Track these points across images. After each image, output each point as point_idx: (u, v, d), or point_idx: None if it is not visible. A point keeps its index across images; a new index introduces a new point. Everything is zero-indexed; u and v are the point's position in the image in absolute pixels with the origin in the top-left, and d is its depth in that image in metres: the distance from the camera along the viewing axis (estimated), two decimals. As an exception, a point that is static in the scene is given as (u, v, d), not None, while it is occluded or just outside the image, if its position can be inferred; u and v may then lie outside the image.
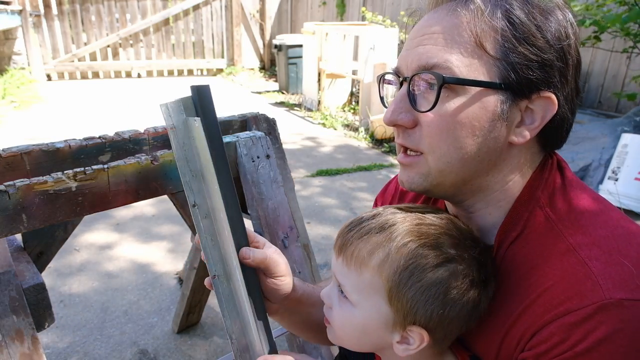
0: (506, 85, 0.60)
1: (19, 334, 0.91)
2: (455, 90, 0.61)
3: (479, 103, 0.61)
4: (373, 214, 0.65)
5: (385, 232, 0.62)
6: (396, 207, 0.67)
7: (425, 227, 0.62)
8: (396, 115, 0.64)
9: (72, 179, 0.95)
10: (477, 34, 0.59)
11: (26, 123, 5.33)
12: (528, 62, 0.59)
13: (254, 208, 1.27)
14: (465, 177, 0.66)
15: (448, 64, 0.60)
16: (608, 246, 0.59)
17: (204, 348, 2.06)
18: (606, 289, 0.55)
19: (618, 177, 3.39)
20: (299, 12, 8.87)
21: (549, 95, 0.61)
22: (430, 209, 0.67)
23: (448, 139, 0.62)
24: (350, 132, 5.35)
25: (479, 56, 0.60)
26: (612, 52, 4.16)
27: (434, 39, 0.62)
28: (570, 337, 0.55)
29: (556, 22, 0.60)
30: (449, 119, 0.62)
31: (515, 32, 0.59)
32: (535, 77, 0.60)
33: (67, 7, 7.52)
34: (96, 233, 2.97)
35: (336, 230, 3.08)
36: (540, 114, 0.62)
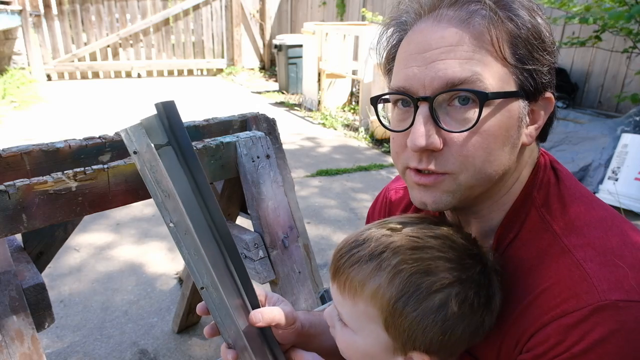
0: (525, 91, 0.60)
1: (19, 334, 0.91)
2: (487, 104, 0.58)
3: (507, 113, 0.59)
4: (364, 238, 0.62)
5: (376, 260, 0.59)
6: (388, 225, 0.63)
7: (418, 252, 0.59)
8: (428, 139, 0.59)
9: (72, 179, 0.95)
10: (497, 41, 0.57)
11: (26, 123, 5.33)
12: (542, 67, 0.60)
13: (254, 208, 1.27)
14: (490, 186, 0.64)
15: (478, 76, 0.57)
16: (603, 247, 0.60)
17: (204, 348, 2.06)
18: (601, 290, 0.56)
19: (618, 177, 3.39)
20: (299, 12, 8.87)
21: (550, 95, 0.63)
22: (425, 223, 0.64)
23: (483, 154, 0.59)
24: (350, 132, 5.34)
25: (499, 65, 0.58)
26: (612, 52, 4.16)
27: (454, 52, 0.57)
28: (567, 339, 0.56)
29: (545, 22, 0.61)
30: (482, 135, 0.59)
31: (529, 39, 0.59)
32: (546, 81, 0.61)
33: (67, 7, 7.52)
34: (96, 233, 2.97)
35: (336, 231, 3.09)
36: (542, 113, 0.64)
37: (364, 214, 3.33)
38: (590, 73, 4.50)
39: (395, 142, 0.66)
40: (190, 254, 0.67)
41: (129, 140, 0.63)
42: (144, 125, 0.63)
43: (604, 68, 4.38)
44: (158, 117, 0.63)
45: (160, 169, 0.64)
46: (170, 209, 0.65)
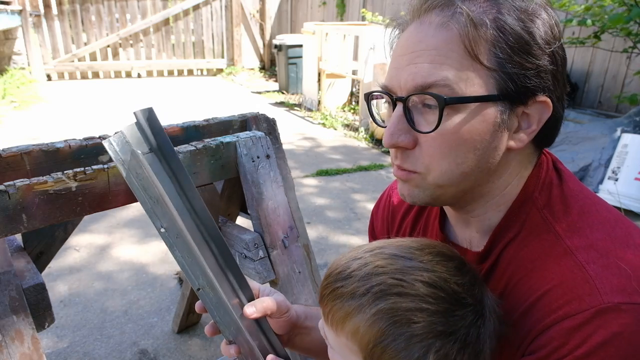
0: (504, 95, 0.59)
1: (19, 334, 0.91)
2: (456, 108, 0.59)
3: (480, 117, 0.59)
4: (350, 272, 0.60)
5: (358, 301, 0.57)
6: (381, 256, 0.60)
7: (401, 301, 0.56)
8: (396, 138, 0.62)
9: (72, 179, 0.95)
10: (471, 46, 0.57)
11: (26, 123, 5.33)
12: (524, 70, 0.58)
13: (254, 208, 1.27)
14: (466, 188, 0.65)
15: (446, 81, 0.58)
16: (605, 249, 0.59)
17: (204, 348, 2.06)
18: (604, 292, 0.55)
19: (618, 177, 3.39)
20: (299, 12, 8.87)
21: (545, 99, 0.61)
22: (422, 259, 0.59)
23: (450, 156, 0.61)
24: (350, 132, 5.34)
25: (475, 69, 0.58)
26: (612, 52, 4.16)
27: (427, 56, 0.59)
28: (570, 342, 0.55)
29: (544, 25, 0.59)
30: (450, 137, 0.60)
31: (509, 42, 0.57)
32: (532, 85, 0.59)
33: (67, 7, 7.52)
34: (96, 233, 2.97)
35: (336, 231, 3.09)
36: (537, 117, 0.62)
37: (364, 214, 3.33)
38: (590, 73, 4.50)
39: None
40: (183, 257, 0.67)
41: (112, 150, 0.63)
42: (125, 133, 0.63)
43: (604, 68, 4.38)
44: (138, 124, 0.63)
45: (145, 175, 0.64)
46: (159, 215, 0.65)
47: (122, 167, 0.64)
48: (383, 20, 5.85)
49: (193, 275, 0.68)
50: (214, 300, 0.70)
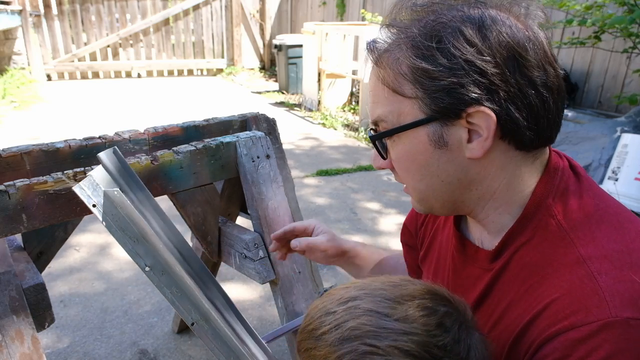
0: (429, 118, 0.63)
1: (19, 334, 0.91)
2: (398, 136, 0.67)
3: (415, 140, 0.65)
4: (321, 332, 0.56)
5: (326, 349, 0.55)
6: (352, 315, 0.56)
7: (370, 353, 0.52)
8: (377, 162, 0.74)
9: (72, 179, 0.95)
10: (390, 84, 0.65)
11: (26, 123, 5.33)
12: (435, 93, 0.61)
13: (254, 208, 1.27)
14: (446, 200, 0.70)
15: (381, 117, 0.68)
16: (620, 261, 0.58)
17: (204, 348, 2.06)
18: (613, 306, 0.54)
19: (618, 177, 3.39)
20: (299, 12, 8.87)
21: (477, 109, 0.60)
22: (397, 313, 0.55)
23: (408, 175, 0.70)
24: (350, 132, 5.34)
25: (400, 101, 0.65)
26: (612, 52, 4.16)
27: (371, 97, 0.70)
28: (574, 354, 0.54)
29: (453, 37, 0.59)
30: (401, 161, 0.69)
31: (416, 73, 0.62)
32: (449, 102, 0.60)
33: (67, 7, 7.52)
34: (96, 233, 2.97)
35: (336, 231, 3.08)
36: (484, 125, 0.61)
37: (364, 213, 3.33)
38: (590, 73, 4.50)
39: None
40: (172, 292, 0.67)
41: (85, 195, 0.63)
42: (94, 177, 0.63)
43: (604, 68, 4.38)
44: (104, 167, 0.64)
45: (122, 216, 0.64)
46: (142, 254, 0.65)
47: (97, 211, 0.63)
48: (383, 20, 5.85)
49: (185, 310, 0.67)
50: (209, 333, 0.69)
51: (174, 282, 0.67)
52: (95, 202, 0.63)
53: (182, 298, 0.67)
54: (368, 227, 3.16)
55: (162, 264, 0.66)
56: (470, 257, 0.74)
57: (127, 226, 0.64)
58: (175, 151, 1.12)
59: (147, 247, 0.65)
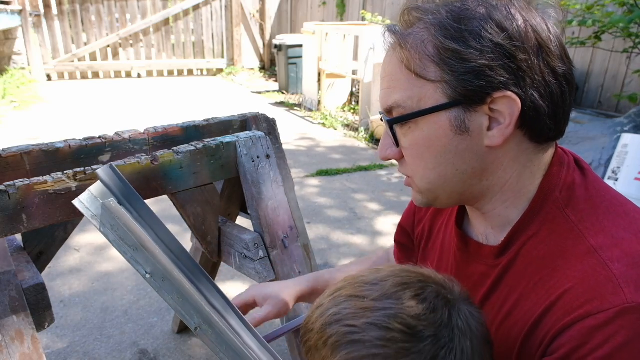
0: (453, 102, 0.62)
1: (19, 334, 0.91)
2: (415, 122, 0.65)
3: (435, 126, 0.64)
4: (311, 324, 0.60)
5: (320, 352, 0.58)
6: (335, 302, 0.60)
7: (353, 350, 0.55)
8: (384, 152, 0.72)
9: (72, 179, 0.95)
10: (413, 67, 0.63)
11: (26, 123, 5.33)
12: (462, 76, 0.60)
13: (254, 208, 1.27)
14: (457, 189, 0.68)
15: (398, 103, 0.65)
16: (631, 249, 0.58)
17: (204, 348, 2.06)
18: (628, 292, 0.55)
19: (618, 177, 3.39)
20: (299, 12, 8.87)
21: (504, 94, 0.60)
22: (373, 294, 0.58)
23: (421, 163, 0.68)
24: (350, 132, 5.34)
25: (422, 85, 0.63)
26: (612, 52, 4.16)
27: (386, 82, 0.68)
28: (591, 341, 0.54)
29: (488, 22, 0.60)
30: (416, 147, 0.67)
31: (441, 54, 0.61)
32: (476, 86, 0.60)
33: (67, 7, 7.51)
34: (96, 233, 2.97)
35: (335, 231, 3.09)
36: (507, 112, 0.61)
37: (364, 214, 3.33)
38: (590, 73, 4.50)
39: None
40: (174, 298, 0.67)
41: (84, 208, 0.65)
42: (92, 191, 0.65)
43: (604, 68, 4.38)
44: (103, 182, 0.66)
45: (120, 225, 0.66)
46: (142, 261, 0.66)
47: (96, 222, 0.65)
48: (383, 20, 5.85)
49: (187, 316, 0.68)
50: (213, 337, 0.69)
51: (174, 288, 0.67)
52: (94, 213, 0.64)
53: (184, 303, 0.67)
54: (368, 227, 3.16)
55: (162, 271, 0.66)
56: (473, 254, 0.74)
57: (125, 235, 0.66)
58: (175, 151, 1.12)
59: (146, 255, 0.66)
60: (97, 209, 0.64)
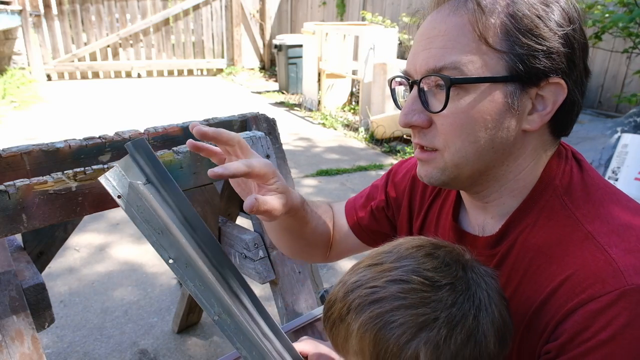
0: (514, 76, 0.61)
1: (19, 334, 0.91)
2: (465, 88, 0.62)
3: (489, 97, 0.62)
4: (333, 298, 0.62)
5: (344, 323, 0.59)
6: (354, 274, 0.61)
7: (377, 307, 0.56)
8: (410, 117, 0.66)
9: (72, 179, 0.95)
10: (479, 31, 0.60)
11: (26, 123, 5.33)
12: (534, 52, 0.60)
13: (254, 208, 1.26)
14: (481, 169, 0.66)
15: (455, 64, 0.61)
16: (627, 234, 0.60)
17: (204, 348, 2.06)
18: (628, 275, 0.56)
19: (618, 177, 3.39)
20: (299, 12, 8.87)
21: (558, 81, 0.62)
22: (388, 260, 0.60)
23: (462, 134, 0.64)
24: (350, 132, 5.34)
25: (484, 52, 0.61)
26: (612, 52, 4.16)
27: (439, 41, 0.63)
28: (594, 325, 0.55)
29: (559, 10, 0.61)
30: (461, 116, 0.63)
31: (518, 25, 0.60)
32: (542, 66, 0.61)
33: (67, 7, 7.51)
34: (96, 233, 2.97)
35: (336, 230, 3.09)
36: (551, 99, 0.63)
37: (364, 214, 3.33)
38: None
39: None
40: (195, 286, 0.66)
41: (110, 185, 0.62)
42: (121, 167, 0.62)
43: (604, 68, 4.39)
44: (131, 157, 0.62)
45: (147, 207, 0.63)
46: (166, 246, 0.64)
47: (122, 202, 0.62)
48: (383, 20, 5.85)
49: (208, 304, 0.66)
50: (232, 327, 0.68)
51: (197, 275, 0.66)
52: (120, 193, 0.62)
53: (206, 291, 0.67)
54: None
55: (185, 257, 0.65)
56: (469, 247, 0.74)
57: (151, 218, 0.63)
58: (175, 151, 1.12)
59: (171, 240, 0.64)
60: (123, 188, 0.62)
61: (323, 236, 0.99)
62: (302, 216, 0.85)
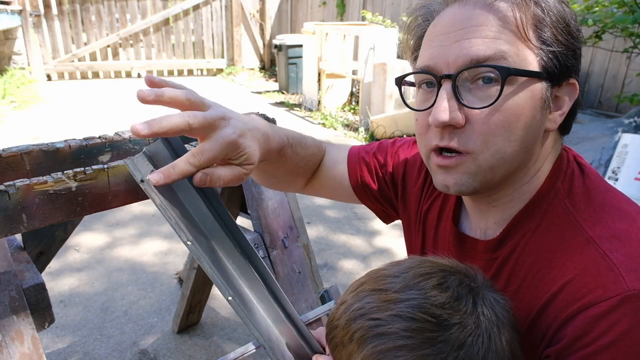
0: (549, 73, 0.60)
1: (19, 334, 0.91)
2: (510, 82, 0.59)
3: (529, 92, 0.59)
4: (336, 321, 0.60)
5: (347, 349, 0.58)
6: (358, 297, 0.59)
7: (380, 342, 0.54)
8: (448, 114, 0.59)
9: (72, 179, 0.95)
10: (521, 23, 0.58)
11: (26, 123, 5.33)
12: (567, 51, 0.60)
13: (254, 208, 1.27)
14: (511, 170, 0.63)
15: (503, 54, 0.58)
16: (628, 238, 0.59)
17: (204, 348, 2.06)
18: (629, 280, 0.55)
19: (618, 177, 3.39)
20: (299, 12, 8.87)
21: (574, 81, 0.63)
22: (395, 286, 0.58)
23: (504, 133, 0.59)
24: (350, 132, 5.34)
25: (526, 46, 0.59)
26: (612, 52, 4.16)
27: (480, 31, 0.59)
28: (594, 330, 0.55)
29: (570, 10, 0.62)
30: (504, 112, 0.59)
31: (554, 22, 0.59)
32: (572, 65, 0.61)
33: (67, 7, 7.52)
34: (96, 233, 2.97)
35: (335, 231, 3.09)
36: (567, 99, 0.64)
37: (364, 213, 3.33)
38: (590, 73, 4.50)
39: (419, 123, 0.67)
40: (212, 268, 0.67)
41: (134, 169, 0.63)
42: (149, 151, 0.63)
43: (604, 68, 4.38)
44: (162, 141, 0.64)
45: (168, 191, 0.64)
46: (185, 228, 0.65)
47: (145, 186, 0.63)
48: (383, 20, 5.85)
49: (222, 285, 0.68)
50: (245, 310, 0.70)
51: (216, 258, 0.68)
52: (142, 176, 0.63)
53: (222, 274, 0.68)
54: (368, 227, 3.16)
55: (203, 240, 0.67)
56: (469, 251, 0.74)
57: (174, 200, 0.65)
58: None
59: (191, 223, 0.66)
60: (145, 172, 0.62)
61: (299, 176, 0.94)
62: (277, 161, 0.79)
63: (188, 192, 0.66)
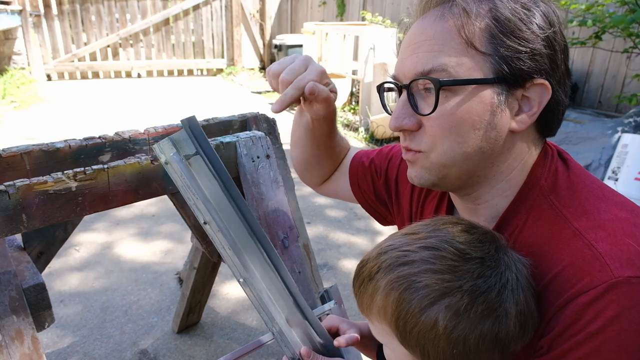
0: (500, 78, 0.63)
1: (19, 334, 0.91)
2: (453, 90, 0.64)
3: (477, 98, 0.63)
4: (367, 258, 0.65)
5: (373, 282, 0.62)
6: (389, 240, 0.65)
7: (406, 268, 0.59)
8: (400, 121, 0.68)
9: (72, 179, 0.95)
10: (465, 35, 0.62)
11: (26, 123, 5.33)
12: (518, 53, 0.62)
13: (254, 208, 1.27)
14: (470, 170, 0.68)
15: (443, 67, 0.63)
16: (613, 228, 0.61)
17: (204, 348, 2.06)
18: (614, 268, 0.57)
19: (618, 177, 3.39)
20: (299, 12, 8.87)
21: (542, 81, 0.64)
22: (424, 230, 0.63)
23: (451, 136, 0.65)
24: (351, 132, 5.34)
25: (471, 55, 0.63)
26: (612, 52, 4.16)
27: (427, 45, 0.65)
28: (582, 318, 0.57)
29: (540, 14, 0.63)
30: (450, 118, 0.65)
31: (502, 28, 0.62)
32: (526, 67, 0.63)
33: (67, 7, 7.51)
34: (96, 233, 2.97)
35: (335, 230, 3.09)
36: (537, 100, 0.65)
37: (364, 213, 3.33)
38: (590, 73, 4.50)
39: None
40: (225, 249, 0.71)
41: (160, 152, 0.70)
42: (174, 139, 0.70)
43: (604, 68, 4.38)
44: (185, 130, 0.71)
45: (188, 174, 0.70)
46: (202, 210, 0.71)
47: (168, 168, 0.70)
48: (383, 20, 5.85)
49: (235, 268, 0.72)
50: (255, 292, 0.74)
51: (230, 240, 0.72)
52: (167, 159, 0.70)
53: (235, 256, 0.72)
54: (368, 227, 3.16)
55: (218, 222, 0.71)
56: None
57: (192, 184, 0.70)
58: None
59: (208, 205, 0.71)
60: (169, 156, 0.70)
61: (333, 159, 1.08)
62: (331, 127, 0.98)
63: (207, 177, 0.71)
